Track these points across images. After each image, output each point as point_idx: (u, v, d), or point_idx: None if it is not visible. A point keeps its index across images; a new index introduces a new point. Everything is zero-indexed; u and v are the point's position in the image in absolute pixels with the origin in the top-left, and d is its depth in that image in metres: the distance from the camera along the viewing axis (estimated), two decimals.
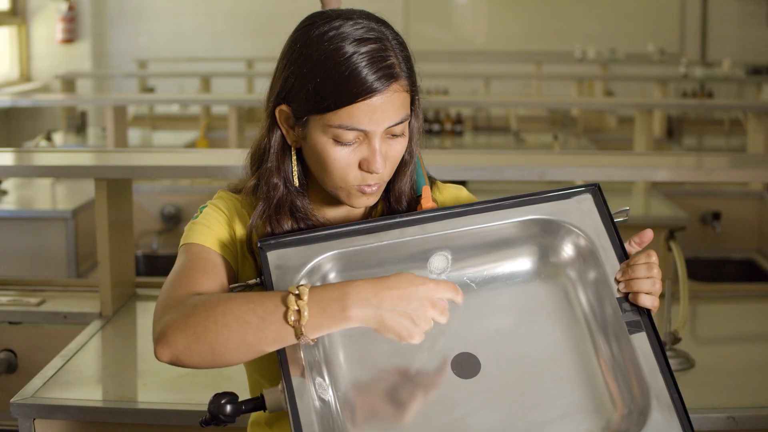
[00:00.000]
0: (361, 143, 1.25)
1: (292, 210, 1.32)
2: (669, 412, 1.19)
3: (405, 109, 1.26)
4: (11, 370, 2.36)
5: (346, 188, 1.27)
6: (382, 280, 1.13)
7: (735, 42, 8.06)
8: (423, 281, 1.13)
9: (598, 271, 1.27)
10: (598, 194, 1.32)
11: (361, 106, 1.22)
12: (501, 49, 7.97)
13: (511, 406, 1.20)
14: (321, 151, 1.25)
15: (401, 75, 1.25)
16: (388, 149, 1.26)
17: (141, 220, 3.94)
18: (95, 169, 2.38)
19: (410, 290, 1.13)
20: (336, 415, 1.17)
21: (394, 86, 1.23)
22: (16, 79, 7.91)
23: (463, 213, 1.29)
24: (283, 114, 1.29)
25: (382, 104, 1.22)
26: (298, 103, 1.25)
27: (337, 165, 1.25)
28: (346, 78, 1.21)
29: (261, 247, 1.23)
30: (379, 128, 1.24)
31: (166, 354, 1.16)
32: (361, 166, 1.25)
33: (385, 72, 1.22)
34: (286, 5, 7.83)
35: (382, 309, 1.12)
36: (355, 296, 1.12)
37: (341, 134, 1.23)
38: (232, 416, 1.17)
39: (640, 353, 1.22)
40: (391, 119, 1.24)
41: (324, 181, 1.29)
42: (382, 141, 1.25)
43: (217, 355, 1.15)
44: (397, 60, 1.24)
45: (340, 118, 1.22)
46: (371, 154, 1.24)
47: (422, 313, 1.13)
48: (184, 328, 1.15)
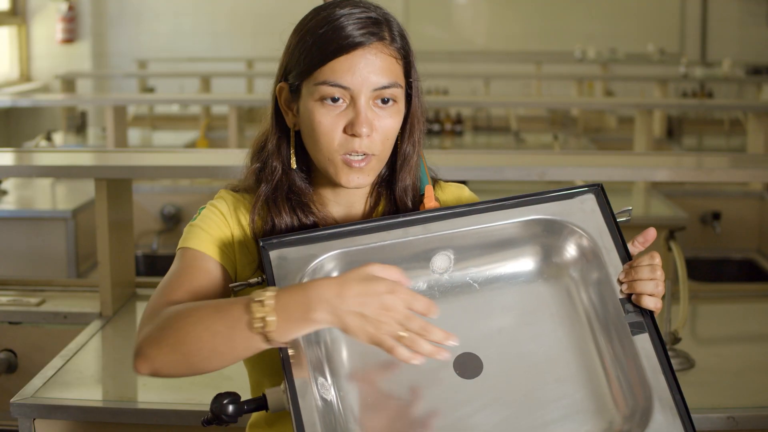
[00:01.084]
0: (348, 107, 1.25)
1: (289, 194, 1.33)
2: (671, 414, 1.19)
3: (393, 75, 1.26)
4: (11, 370, 2.36)
5: (333, 159, 1.27)
6: (347, 280, 1.11)
7: (735, 42, 8.06)
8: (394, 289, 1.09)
9: (600, 271, 1.27)
10: (601, 194, 1.32)
11: (343, 61, 1.24)
12: (501, 49, 7.97)
13: (513, 407, 1.20)
14: (309, 116, 1.27)
15: (388, 39, 1.27)
16: (375, 117, 1.26)
17: (141, 220, 3.94)
18: (95, 169, 2.38)
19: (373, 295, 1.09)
20: (338, 415, 1.17)
21: (378, 45, 1.25)
22: (16, 79, 7.91)
23: (466, 213, 1.29)
24: (282, 92, 1.32)
25: (365, 61, 1.24)
26: (293, 73, 1.28)
27: (322, 129, 1.25)
28: (331, 34, 1.24)
29: (263, 246, 1.23)
30: (362, 87, 1.24)
31: (144, 367, 1.17)
32: (346, 130, 1.25)
33: (370, 30, 1.25)
34: (286, 5, 7.80)
35: (342, 310, 1.09)
36: (317, 298, 1.10)
37: (325, 91, 1.24)
38: (235, 416, 1.17)
39: (643, 354, 1.22)
40: (376, 81, 1.25)
41: (315, 156, 1.29)
42: (368, 107, 1.25)
43: (193, 365, 1.16)
44: (388, 29, 1.27)
45: (324, 74, 1.24)
46: (356, 116, 1.25)
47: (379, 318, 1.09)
48: (158, 340, 1.16)
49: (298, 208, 1.33)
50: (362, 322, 1.09)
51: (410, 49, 1.31)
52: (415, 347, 1.09)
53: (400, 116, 1.30)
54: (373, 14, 1.27)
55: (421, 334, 1.09)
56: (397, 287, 1.10)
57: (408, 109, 1.33)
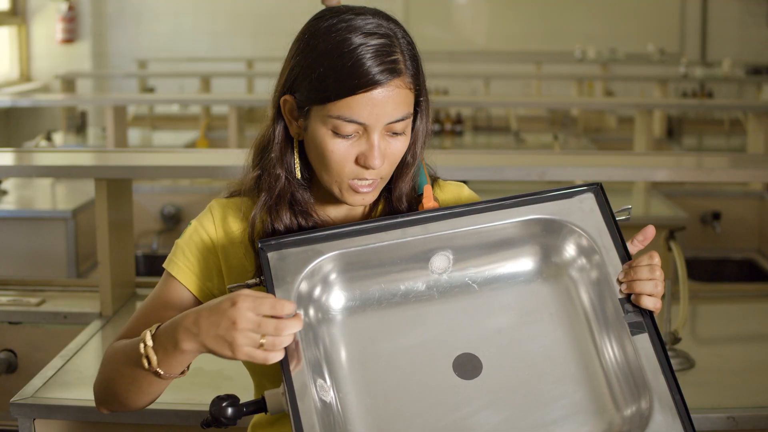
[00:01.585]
0: (360, 137, 1.24)
1: (291, 203, 1.33)
2: (671, 414, 1.19)
3: (407, 107, 1.25)
4: (11, 370, 2.36)
5: (340, 183, 1.27)
6: (207, 307, 1.15)
7: (735, 42, 8.06)
8: (235, 301, 1.12)
9: (600, 271, 1.27)
10: (600, 193, 1.31)
11: (361, 99, 1.21)
12: (501, 49, 7.97)
13: (512, 407, 1.20)
14: (320, 143, 1.25)
15: (405, 72, 1.24)
16: (387, 147, 1.26)
17: (141, 220, 3.94)
18: (95, 169, 2.38)
19: (219, 313, 1.12)
20: (337, 416, 1.17)
21: (396, 81, 1.23)
22: (16, 79, 7.90)
23: (465, 213, 1.28)
24: (287, 104, 1.29)
25: (382, 98, 1.22)
26: (302, 92, 1.26)
27: (334, 158, 1.25)
28: (349, 69, 1.21)
29: (261, 248, 1.23)
30: (378, 123, 1.23)
31: (100, 408, 1.32)
32: (357, 160, 1.25)
33: (388, 66, 1.22)
34: (286, 5, 7.84)
35: (202, 336, 1.14)
36: (182, 329, 1.16)
37: (340, 126, 1.23)
38: (233, 419, 1.17)
39: (643, 354, 1.22)
40: (391, 115, 1.23)
41: (321, 174, 1.29)
42: (381, 137, 1.24)
43: (127, 404, 1.28)
44: (402, 57, 1.24)
45: (340, 109, 1.22)
46: (369, 149, 1.24)
47: (231, 335, 1.11)
48: (99, 382, 1.30)
49: (300, 215, 1.33)
50: (221, 343, 1.12)
51: (421, 67, 1.29)
52: (276, 348, 1.12)
53: (408, 137, 1.29)
54: (387, 40, 1.23)
55: (277, 334, 1.11)
56: (238, 298, 1.12)
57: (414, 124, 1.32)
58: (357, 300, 1.25)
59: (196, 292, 1.35)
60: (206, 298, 1.35)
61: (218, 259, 1.35)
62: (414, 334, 1.24)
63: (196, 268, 1.35)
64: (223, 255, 1.35)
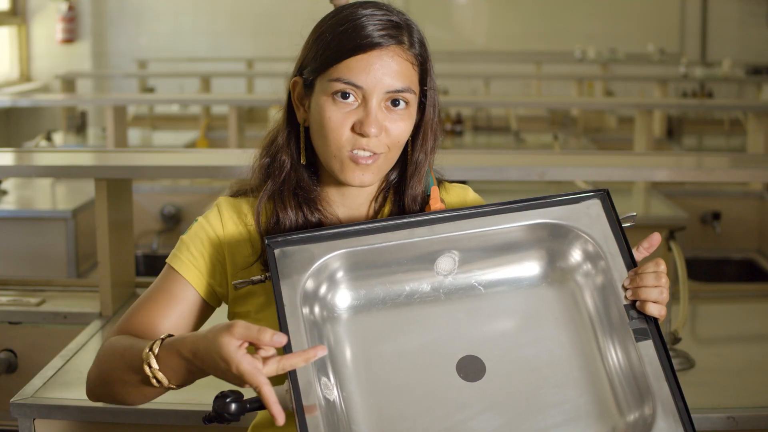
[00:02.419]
0: (359, 106, 1.26)
1: (296, 190, 1.33)
2: (674, 421, 1.19)
3: (408, 80, 1.27)
4: (11, 370, 2.36)
5: (340, 155, 1.27)
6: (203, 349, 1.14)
7: (735, 42, 8.06)
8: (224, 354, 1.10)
9: (605, 276, 1.27)
10: (606, 199, 1.32)
11: (360, 60, 1.24)
12: (501, 49, 7.97)
13: (515, 410, 1.20)
14: (320, 112, 1.27)
15: (406, 43, 1.27)
16: (386, 120, 1.26)
17: (141, 220, 3.94)
18: (95, 169, 2.38)
19: (216, 360, 1.12)
20: (341, 415, 1.17)
21: (396, 49, 1.25)
22: (16, 79, 7.90)
23: (473, 215, 1.29)
24: (296, 87, 1.32)
25: (381, 63, 1.24)
26: (309, 68, 1.29)
27: (331, 125, 1.26)
28: (350, 32, 1.25)
29: (268, 245, 1.23)
30: (375, 88, 1.24)
31: (90, 397, 1.33)
32: (354, 128, 1.26)
33: (389, 32, 1.26)
34: (286, 5, 7.83)
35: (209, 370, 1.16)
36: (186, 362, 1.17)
37: (338, 87, 1.25)
38: (237, 415, 1.17)
39: (647, 361, 1.22)
40: (390, 83, 1.25)
41: (323, 151, 1.29)
42: (379, 107, 1.26)
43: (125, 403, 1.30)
44: (408, 34, 1.28)
45: (339, 72, 1.25)
46: (366, 115, 1.25)
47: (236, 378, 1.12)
48: (94, 378, 1.31)
49: (305, 205, 1.33)
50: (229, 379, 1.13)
51: (428, 57, 1.32)
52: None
53: (411, 121, 1.30)
54: (395, 18, 1.28)
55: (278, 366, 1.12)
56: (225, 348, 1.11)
57: (421, 116, 1.33)
58: (362, 299, 1.26)
59: (198, 288, 1.35)
60: (208, 295, 1.36)
61: (223, 257, 1.36)
62: (418, 335, 1.25)
63: (201, 264, 1.35)
64: (230, 253, 1.36)
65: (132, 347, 1.25)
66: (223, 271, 1.36)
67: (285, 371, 1.11)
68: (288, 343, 1.14)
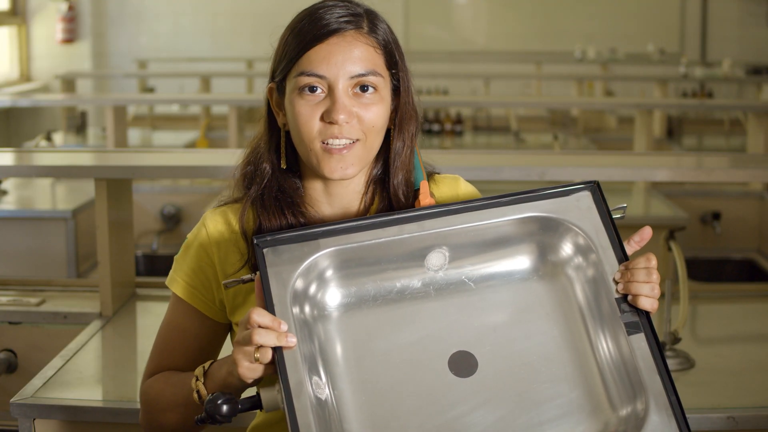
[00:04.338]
0: (326, 97, 1.26)
1: (278, 195, 1.33)
2: (667, 415, 1.18)
3: (371, 63, 1.27)
4: (11, 370, 2.36)
5: (315, 148, 1.27)
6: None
7: (735, 42, 8.05)
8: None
9: (596, 270, 1.27)
10: (597, 191, 1.31)
11: (320, 50, 1.25)
12: (501, 49, 7.96)
13: (508, 406, 1.20)
14: (292, 110, 1.28)
15: (365, 29, 1.27)
16: (356, 106, 1.27)
17: (141, 220, 3.94)
18: (95, 169, 2.38)
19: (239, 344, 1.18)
20: (333, 413, 1.16)
21: (353, 33, 1.26)
22: (16, 79, 7.90)
23: (462, 210, 1.28)
24: (272, 93, 1.33)
25: (339, 49, 1.25)
26: (278, 71, 1.30)
27: (302, 119, 1.26)
28: (308, 26, 1.26)
29: (257, 244, 1.23)
30: (338, 75, 1.25)
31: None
32: (323, 117, 1.26)
33: (345, 19, 1.27)
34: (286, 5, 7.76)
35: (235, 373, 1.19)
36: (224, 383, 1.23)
37: (303, 81, 1.26)
38: (229, 416, 1.17)
39: (639, 354, 1.22)
40: (351, 68, 1.25)
41: (300, 148, 1.30)
42: (345, 93, 1.26)
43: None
44: (367, 21, 1.28)
45: (302, 65, 1.26)
46: (332, 103, 1.25)
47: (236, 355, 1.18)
48: (147, 426, 1.38)
49: (287, 209, 1.33)
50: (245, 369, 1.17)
51: (393, 42, 1.32)
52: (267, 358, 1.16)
53: (383, 105, 1.29)
54: (355, 9, 1.29)
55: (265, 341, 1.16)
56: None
57: (397, 103, 1.33)
58: (353, 297, 1.25)
59: (200, 307, 1.37)
60: (211, 312, 1.37)
61: (215, 270, 1.36)
62: (409, 331, 1.24)
63: (196, 283, 1.37)
64: (220, 265, 1.36)
65: (182, 394, 1.30)
66: (217, 285, 1.37)
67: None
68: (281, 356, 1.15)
